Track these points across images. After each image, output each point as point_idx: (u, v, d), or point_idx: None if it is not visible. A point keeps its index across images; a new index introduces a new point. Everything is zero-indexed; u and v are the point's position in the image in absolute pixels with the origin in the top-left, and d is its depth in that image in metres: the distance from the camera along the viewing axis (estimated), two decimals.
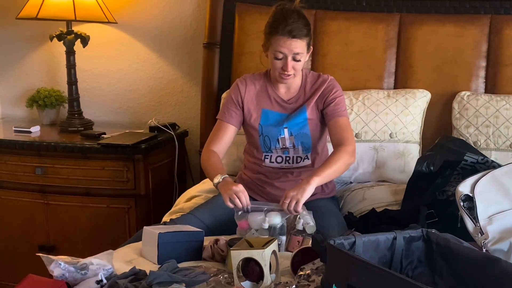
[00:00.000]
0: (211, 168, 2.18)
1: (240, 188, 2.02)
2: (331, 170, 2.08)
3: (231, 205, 2.00)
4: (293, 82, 2.26)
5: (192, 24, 3.22)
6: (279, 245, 1.92)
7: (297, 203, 1.95)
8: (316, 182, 2.01)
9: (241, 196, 2.00)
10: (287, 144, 2.26)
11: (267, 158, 2.29)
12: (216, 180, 2.10)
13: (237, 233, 2.02)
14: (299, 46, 2.11)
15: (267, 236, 1.92)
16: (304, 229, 1.93)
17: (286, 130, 2.25)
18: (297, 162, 2.28)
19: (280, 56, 2.13)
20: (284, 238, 1.95)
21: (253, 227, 1.96)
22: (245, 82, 2.30)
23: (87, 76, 3.35)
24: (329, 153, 2.37)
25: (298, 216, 1.96)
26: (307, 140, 2.26)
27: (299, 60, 2.14)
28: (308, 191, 1.98)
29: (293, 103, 2.27)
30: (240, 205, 1.99)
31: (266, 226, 1.94)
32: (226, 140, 2.28)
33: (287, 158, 2.28)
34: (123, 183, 2.85)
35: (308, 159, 2.28)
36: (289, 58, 2.12)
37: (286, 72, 2.15)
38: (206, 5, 3.03)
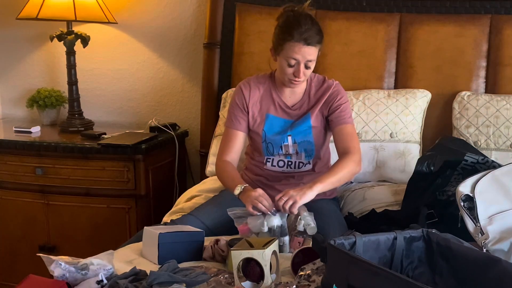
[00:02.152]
0: (228, 180, 2.19)
1: (259, 192, 2.02)
2: (335, 178, 2.08)
3: (255, 213, 1.97)
4: (299, 86, 2.25)
5: (192, 24, 3.22)
6: (282, 245, 1.92)
7: (293, 204, 1.94)
8: (318, 189, 2.01)
9: (262, 200, 1.99)
10: (290, 151, 2.25)
11: (269, 162, 2.28)
12: (237, 192, 2.09)
13: None
14: (313, 53, 2.10)
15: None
16: (305, 230, 1.93)
17: (289, 138, 2.24)
18: (298, 168, 2.27)
19: (293, 62, 2.10)
20: (287, 238, 1.95)
21: (253, 231, 1.95)
22: (249, 86, 2.28)
23: (87, 76, 3.35)
24: (331, 156, 2.38)
25: (299, 217, 1.95)
26: (310, 147, 2.25)
27: (310, 67, 2.13)
28: (308, 196, 1.97)
29: (297, 109, 2.25)
30: (264, 209, 1.97)
31: (265, 229, 1.93)
32: (237, 147, 2.28)
33: (289, 163, 2.27)
34: (123, 183, 2.85)
35: (310, 164, 2.28)
36: (302, 65, 2.10)
37: (297, 79, 2.14)
38: (206, 5, 3.03)
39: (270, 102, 2.26)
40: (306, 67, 2.12)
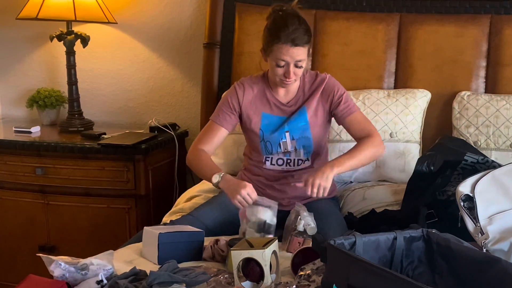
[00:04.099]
0: (204, 167, 2.17)
1: (248, 190, 2.01)
2: (354, 161, 2.10)
3: (241, 207, 2.00)
4: (291, 85, 2.25)
5: (192, 24, 3.22)
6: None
7: (324, 190, 1.99)
8: (336, 172, 2.03)
9: (248, 199, 2.00)
10: (289, 148, 2.25)
11: (268, 161, 2.28)
12: (215, 180, 2.09)
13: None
14: (301, 53, 2.09)
15: (256, 233, 1.93)
16: (304, 230, 1.93)
17: (287, 134, 2.24)
18: (298, 165, 2.27)
19: (282, 64, 2.10)
20: (270, 237, 1.94)
21: (247, 215, 1.96)
22: (243, 86, 2.27)
23: (87, 76, 3.35)
24: (329, 152, 2.38)
25: (299, 217, 1.96)
26: (308, 144, 2.25)
27: (301, 67, 2.13)
28: (330, 179, 2.00)
29: (292, 106, 2.26)
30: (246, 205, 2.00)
31: (252, 219, 1.93)
32: (215, 141, 2.27)
33: (288, 161, 2.27)
34: (123, 183, 2.85)
35: (309, 161, 2.28)
36: (291, 66, 2.10)
37: (287, 79, 2.14)
38: (206, 5, 3.03)
39: (264, 102, 2.26)
40: (297, 66, 2.12)
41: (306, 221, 1.93)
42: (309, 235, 1.91)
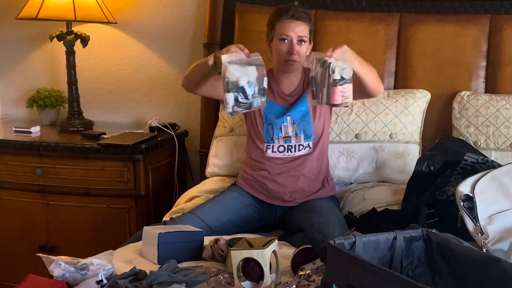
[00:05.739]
0: (196, 64, 2.20)
1: (236, 47, 1.95)
2: (366, 65, 2.08)
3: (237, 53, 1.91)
4: (295, 77, 2.30)
5: (192, 24, 3.22)
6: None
7: (341, 50, 1.89)
8: (355, 55, 1.98)
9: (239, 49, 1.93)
10: (290, 132, 2.29)
11: (269, 149, 2.31)
12: (211, 62, 2.02)
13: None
14: (303, 29, 2.20)
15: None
16: (341, 77, 1.83)
17: (289, 118, 2.29)
18: (299, 150, 2.30)
19: (286, 39, 2.19)
20: (231, 96, 1.83)
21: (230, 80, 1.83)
22: None
23: (87, 76, 3.35)
24: (328, 153, 2.40)
25: (330, 64, 1.83)
26: (309, 128, 2.29)
27: (304, 41, 2.20)
28: (349, 52, 1.92)
29: (294, 96, 2.32)
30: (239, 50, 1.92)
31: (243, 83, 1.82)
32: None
33: (289, 147, 2.30)
34: (123, 183, 2.85)
35: (310, 147, 2.31)
36: (294, 41, 2.19)
37: (292, 56, 2.19)
38: (206, 5, 3.03)
39: (269, 91, 2.30)
40: (300, 42, 2.20)
41: (339, 66, 1.83)
42: (347, 80, 1.82)
